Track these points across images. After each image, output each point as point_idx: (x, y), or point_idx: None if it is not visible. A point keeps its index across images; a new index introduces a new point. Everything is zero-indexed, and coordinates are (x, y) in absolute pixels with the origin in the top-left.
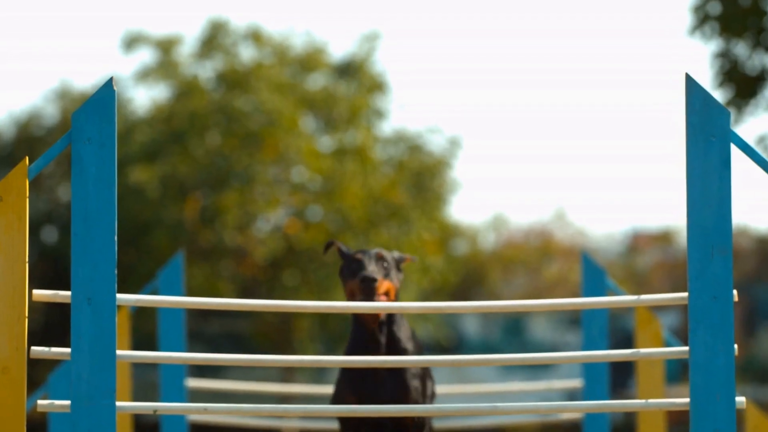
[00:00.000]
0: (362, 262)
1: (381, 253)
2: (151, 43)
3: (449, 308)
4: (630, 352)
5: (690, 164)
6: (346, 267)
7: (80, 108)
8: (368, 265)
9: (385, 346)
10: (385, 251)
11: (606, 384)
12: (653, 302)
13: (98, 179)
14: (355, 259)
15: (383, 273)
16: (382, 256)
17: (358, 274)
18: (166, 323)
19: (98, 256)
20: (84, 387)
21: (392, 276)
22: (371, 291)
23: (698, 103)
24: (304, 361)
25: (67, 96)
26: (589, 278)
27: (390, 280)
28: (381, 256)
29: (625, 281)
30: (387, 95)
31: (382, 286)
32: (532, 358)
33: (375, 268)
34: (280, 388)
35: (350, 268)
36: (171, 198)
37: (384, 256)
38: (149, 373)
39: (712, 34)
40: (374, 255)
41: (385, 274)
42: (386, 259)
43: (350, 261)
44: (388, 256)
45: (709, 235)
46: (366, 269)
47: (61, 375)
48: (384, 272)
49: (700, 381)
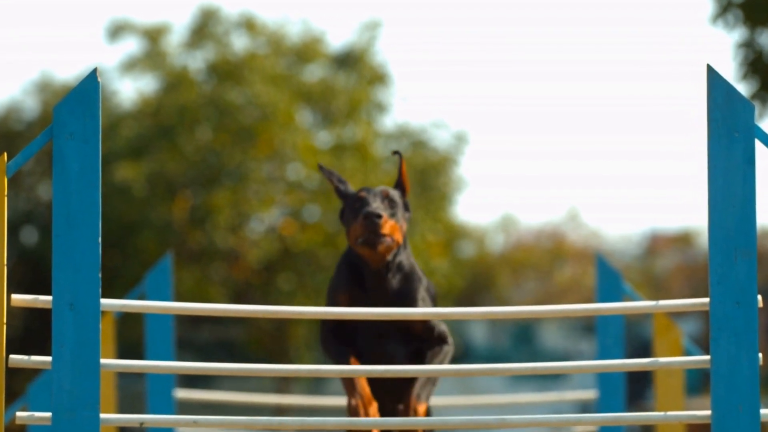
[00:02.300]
0: (366, 200)
1: (387, 190)
2: (138, 32)
3: (455, 314)
4: (648, 361)
5: (712, 161)
6: (348, 207)
7: (62, 101)
8: (372, 202)
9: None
10: (392, 189)
11: (622, 395)
12: (672, 308)
13: (81, 177)
14: (357, 198)
15: (389, 212)
16: (388, 194)
17: (361, 211)
18: (154, 330)
19: (81, 259)
20: (66, 398)
21: (398, 216)
22: (376, 229)
23: (720, 96)
24: (301, 370)
25: (48, 88)
26: (604, 282)
27: (396, 221)
28: (387, 193)
29: (642, 286)
30: (389, 87)
31: (387, 225)
32: (542, 368)
33: (380, 205)
34: (275, 400)
35: (352, 208)
36: (159, 197)
37: (390, 194)
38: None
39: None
40: (379, 192)
41: (391, 213)
42: (393, 198)
43: (352, 200)
44: (395, 194)
45: (731, 237)
46: (370, 205)
47: (42, 385)
48: (390, 211)
49: (723, 392)
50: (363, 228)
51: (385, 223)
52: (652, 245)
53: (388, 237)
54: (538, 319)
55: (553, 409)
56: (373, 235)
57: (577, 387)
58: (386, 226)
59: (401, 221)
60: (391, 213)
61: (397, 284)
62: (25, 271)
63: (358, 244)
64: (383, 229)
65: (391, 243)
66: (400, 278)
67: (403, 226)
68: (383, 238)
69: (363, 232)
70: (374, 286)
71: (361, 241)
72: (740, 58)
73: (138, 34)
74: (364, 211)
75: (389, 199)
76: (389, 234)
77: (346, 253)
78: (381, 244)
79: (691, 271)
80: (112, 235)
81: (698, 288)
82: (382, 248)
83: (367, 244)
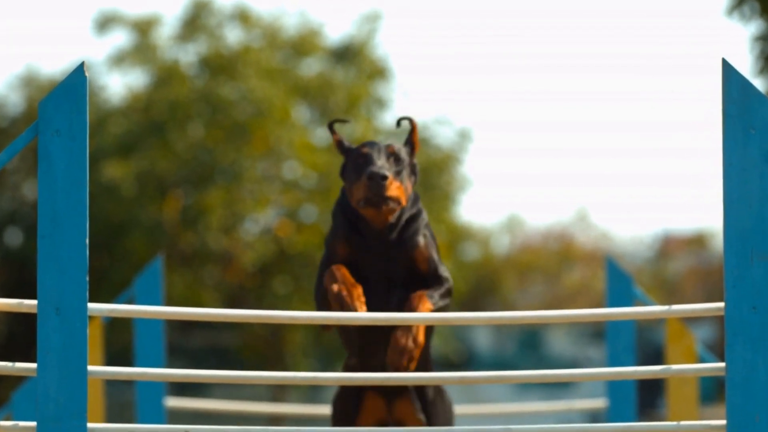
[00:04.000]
0: (370, 157)
1: (393, 146)
2: (127, 24)
3: (458, 320)
4: (660, 368)
5: (727, 159)
6: (349, 164)
7: (48, 96)
8: (377, 159)
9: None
10: (399, 145)
11: (633, 404)
12: (686, 313)
13: (68, 175)
14: (361, 154)
15: (394, 170)
16: (394, 151)
17: (364, 170)
18: (143, 336)
19: (67, 261)
20: (51, 406)
21: (404, 177)
22: (380, 191)
23: (736, 91)
24: (297, 378)
25: (33, 83)
26: (615, 286)
27: (401, 181)
28: (393, 150)
29: (654, 289)
30: (389, 82)
31: (392, 186)
32: (550, 375)
33: (385, 164)
34: (270, 409)
35: (355, 165)
36: (149, 196)
37: (396, 150)
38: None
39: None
40: (384, 148)
41: (397, 172)
42: (399, 155)
43: (354, 156)
44: (401, 150)
45: (748, 239)
46: (374, 163)
47: (26, 393)
48: (396, 170)
49: (738, 401)
50: (366, 189)
51: (391, 185)
52: (665, 247)
53: (394, 199)
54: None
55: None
56: (377, 197)
57: (585, 395)
58: (392, 188)
59: (407, 182)
60: (396, 171)
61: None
62: (9, 273)
63: (361, 205)
64: (389, 191)
65: (395, 206)
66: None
67: (408, 187)
68: (388, 200)
69: (366, 193)
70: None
71: (364, 203)
72: (756, 52)
73: (127, 27)
74: (368, 171)
75: (395, 156)
76: (395, 196)
77: (341, 201)
78: (385, 207)
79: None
80: (99, 236)
81: (713, 292)
82: (386, 211)
83: (371, 206)
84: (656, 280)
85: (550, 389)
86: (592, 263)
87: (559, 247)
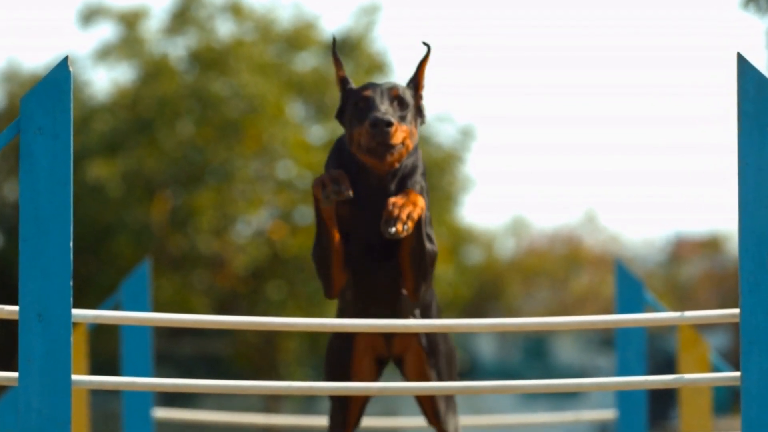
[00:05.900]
0: (372, 101)
1: (396, 88)
2: (113, 17)
3: (460, 326)
4: (672, 378)
5: (742, 158)
6: (349, 105)
7: (30, 92)
8: (380, 104)
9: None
10: (403, 86)
11: (644, 415)
12: (699, 320)
13: (51, 175)
14: (362, 97)
15: (398, 114)
16: (398, 93)
17: (366, 115)
18: (130, 343)
19: (51, 265)
20: (34, 417)
21: (409, 120)
22: (385, 139)
23: (752, 87)
24: (291, 387)
25: (14, 78)
26: (625, 291)
27: (406, 125)
28: (396, 92)
29: (666, 295)
30: (388, 77)
31: (398, 133)
32: (557, 385)
33: (389, 109)
34: (263, 420)
35: (356, 108)
36: (136, 197)
37: (400, 92)
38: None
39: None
40: (387, 91)
41: (401, 116)
42: (403, 98)
43: (355, 98)
44: (405, 92)
45: (764, 242)
46: (378, 109)
47: (8, 403)
48: (399, 113)
49: (754, 412)
50: (369, 136)
51: (396, 132)
52: (677, 251)
53: (399, 145)
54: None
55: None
56: (381, 146)
57: (594, 406)
58: (397, 135)
59: (412, 125)
60: (400, 116)
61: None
62: None
63: (362, 152)
64: (393, 138)
65: (401, 150)
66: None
67: (414, 131)
68: (392, 148)
69: (368, 141)
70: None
71: (366, 151)
72: None
73: (113, 19)
74: (371, 117)
75: (399, 99)
76: (400, 142)
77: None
78: (390, 155)
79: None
80: (84, 239)
81: (727, 298)
82: (391, 158)
83: (373, 155)
84: (668, 285)
85: (556, 399)
86: (600, 267)
87: (567, 251)
